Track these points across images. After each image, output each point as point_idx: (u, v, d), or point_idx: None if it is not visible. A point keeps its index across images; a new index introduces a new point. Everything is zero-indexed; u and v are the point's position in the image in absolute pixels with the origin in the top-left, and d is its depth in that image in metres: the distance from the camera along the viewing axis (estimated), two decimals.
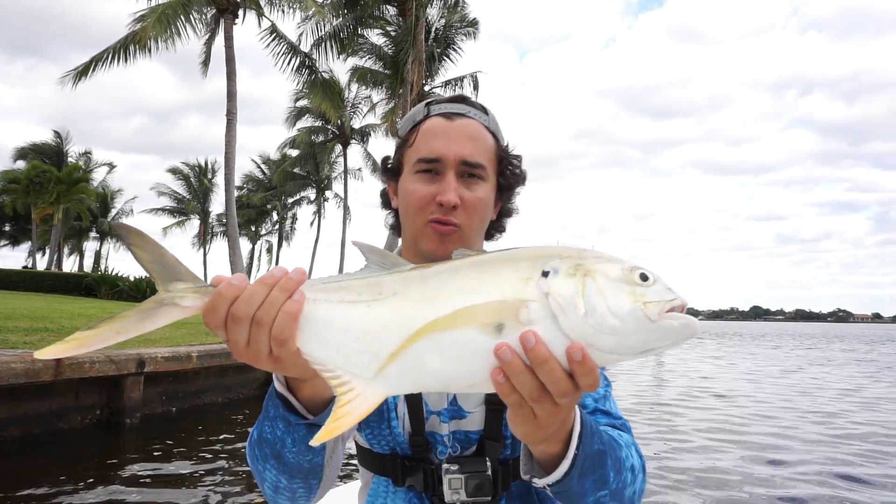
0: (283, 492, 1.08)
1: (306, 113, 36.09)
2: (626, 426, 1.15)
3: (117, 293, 27.51)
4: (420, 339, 0.75)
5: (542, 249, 0.79)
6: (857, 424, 11.09)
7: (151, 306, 0.81)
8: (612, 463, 0.97)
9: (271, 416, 1.00)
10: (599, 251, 0.80)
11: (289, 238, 56.53)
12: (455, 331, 0.74)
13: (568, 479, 0.90)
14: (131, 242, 0.83)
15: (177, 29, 19.44)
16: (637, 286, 0.74)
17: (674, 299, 0.74)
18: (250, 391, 12.22)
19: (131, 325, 0.80)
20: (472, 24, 26.12)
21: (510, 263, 0.78)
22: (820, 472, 7.77)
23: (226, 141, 20.05)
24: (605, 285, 0.74)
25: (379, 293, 0.79)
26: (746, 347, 40.31)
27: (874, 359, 31.22)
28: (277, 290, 0.78)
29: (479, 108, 1.28)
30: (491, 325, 0.74)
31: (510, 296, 0.74)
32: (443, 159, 1.19)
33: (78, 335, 0.77)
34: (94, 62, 20.27)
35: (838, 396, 15.09)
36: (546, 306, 0.73)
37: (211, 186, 51.28)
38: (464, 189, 1.20)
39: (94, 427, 8.90)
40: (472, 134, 1.22)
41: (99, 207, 50.28)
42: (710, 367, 22.54)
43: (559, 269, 0.75)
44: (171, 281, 0.82)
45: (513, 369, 0.72)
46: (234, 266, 20.50)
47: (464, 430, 1.22)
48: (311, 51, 23.08)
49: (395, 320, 0.77)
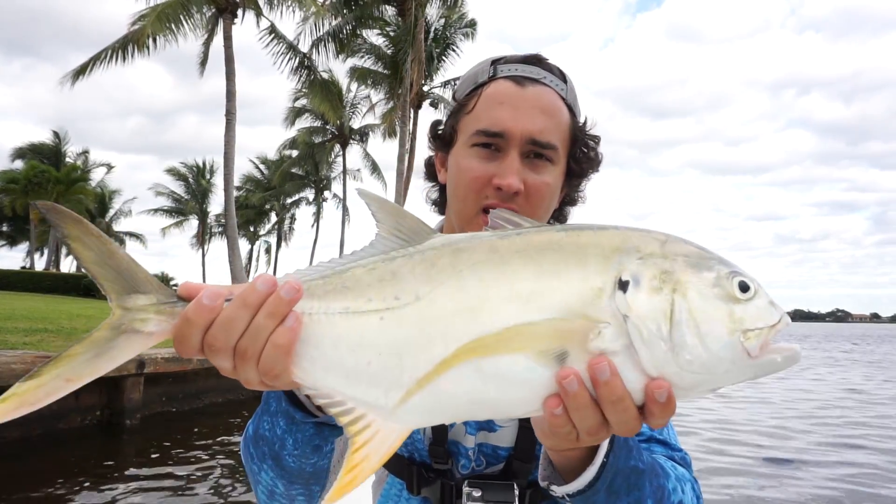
0: (280, 499, 0.93)
1: (305, 113, 36.07)
2: (685, 460, 0.99)
3: None
4: (459, 363, 0.60)
5: (616, 235, 0.64)
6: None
7: (106, 336, 0.64)
8: (652, 490, 0.82)
9: (272, 411, 0.86)
10: (683, 242, 0.65)
11: (287, 238, 56.55)
12: (504, 356, 0.60)
13: (593, 492, 0.76)
14: (68, 234, 0.64)
15: (177, 28, 19.42)
16: (736, 304, 0.61)
17: (777, 322, 0.62)
18: (250, 392, 12.20)
19: (83, 367, 0.62)
20: (470, 24, 26.16)
21: (576, 261, 0.62)
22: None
23: (225, 141, 20.02)
24: (698, 307, 0.60)
25: (396, 298, 0.63)
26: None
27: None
28: (264, 314, 0.62)
29: (556, 74, 1.06)
30: (551, 353, 0.60)
31: (577, 312, 0.60)
32: (507, 134, 0.99)
33: (17, 389, 0.60)
34: (92, 61, 20.25)
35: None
36: (623, 332, 0.59)
37: (209, 187, 51.25)
38: (529, 172, 1.00)
39: (94, 428, 8.88)
40: (545, 106, 1.01)
41: (97, 208, 50.20)
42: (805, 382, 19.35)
43: (640, 279, 0.61)
44: (127, 293, 0.65)
45: (576, 403, 0.60)
46: (234, 266, 20.47)
47: (492, 444, 1.07)
48: (311, 51, 23.06)
49: (421, 338, 0.61)
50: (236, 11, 20.53)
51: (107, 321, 0.65)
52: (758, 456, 8.60)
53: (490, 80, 1.04)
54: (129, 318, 0.65)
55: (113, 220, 54.26)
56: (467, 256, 0.63)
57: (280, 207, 53.14)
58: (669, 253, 0.63)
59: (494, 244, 0.64)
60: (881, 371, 24.25)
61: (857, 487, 7.23)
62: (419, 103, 26.41)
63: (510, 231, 0.66)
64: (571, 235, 0.64)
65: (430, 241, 0.66)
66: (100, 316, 15.35)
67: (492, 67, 1.06)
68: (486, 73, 1.05)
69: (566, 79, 1.07)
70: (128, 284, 0.66)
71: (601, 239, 0.64)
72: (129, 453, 8.21)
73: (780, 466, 8.13)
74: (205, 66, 22.40)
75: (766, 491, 7.01)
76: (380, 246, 0.67)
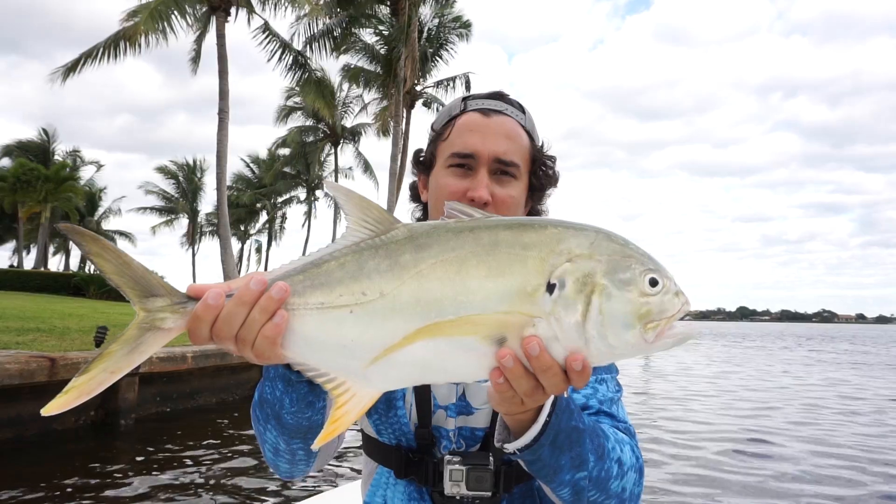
0: (283, 454, 1.08)
1: (297, 111, 35.96)
2: (629, 430, 1.14)
3: (106, 293, 27.23)
4: (418, 340, 0.73)
5: (553, 236, 0.76)
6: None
7: (135, 334, 0.77)
8: (594, 447, 0.97)
9: (271, 377, 1.00)
10: (610, 240, 0.77)
11: (278, 237, 56.35)
12: (457, 338, 0.73)
13: (538, 446, 0.90)
14: (90, 251, 0.77)
15: (169, 25, 19.29)
16: (643, 297, 0.74)
17: (675, 313, 0.75)
18: (244, 392, 12.13)
19: (122, 360, 0.76)
20: (465, 25, 26.17)
21: (519, 263, 0.74)
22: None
23: (217, 139, 19.93)
24: (607, 306, 0.73)
25: (363, 293, 0.74)
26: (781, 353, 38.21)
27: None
28: (257, 310, 0.75)
29: (516, 107, 1.27)
30: (494, 337, 0.73)
31: (516, 307, 0.73)
32: (477, 155, 1.19)
33: (75, 383, 0.74)
34: (83, 58, 20.08)
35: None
36: (550, 324, 0.73)
37: (200, 185, 50.96)
38: (496, 186, 1.19)
39: (88, 428, 8.80)
40: (507, 132, 1.22)
41: (86, 206, 49.77)
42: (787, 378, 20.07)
43: (566, 283, 0.73)
44: (145, 297, 0.77)
45: (513, 374, 0.75)
46: (226, 265, 20.37)
47: (470, 426, 1.21)
48: (304, 49, 22.99)
49: (386, 326, 0.73)
50: (229, 9, 20.43)
51: (134, 322, 0.77)
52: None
53: (461, 113, 1.25)
54: (150, 318, 0.77)
55: (102, 218, 53.85)
56: (427, 255, 0.74)
57: (271, 206, 52.94)
58: (595, 253, 0.75)
59: (451, 243, 0.75)
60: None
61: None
62: (412, 102, 26.42)
63: (464, 222, 0.77)
64: (516, 234, 0.75)
65: (394, 232, 0.77)
66: (91, 315, 15.24)
67: (463, 103, 1.27)
68: (459, 107, 1.27)
69: (524, 110, 1.28)
70: (145, 289, 0.78)
71: (540, 238, 0.75)
72: (124, 453, 8.13)
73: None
74: (197, 64, 22.26)
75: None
76: (350, 237, 0.78)
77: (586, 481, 0.96)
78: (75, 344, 9.68)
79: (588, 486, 0.96)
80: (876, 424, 11.55)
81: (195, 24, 20.98)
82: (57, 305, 17.94)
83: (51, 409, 0.74)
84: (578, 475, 0.95)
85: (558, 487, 0.97)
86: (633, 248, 0.77)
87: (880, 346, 53.63)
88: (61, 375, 8.02)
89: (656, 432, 9.96)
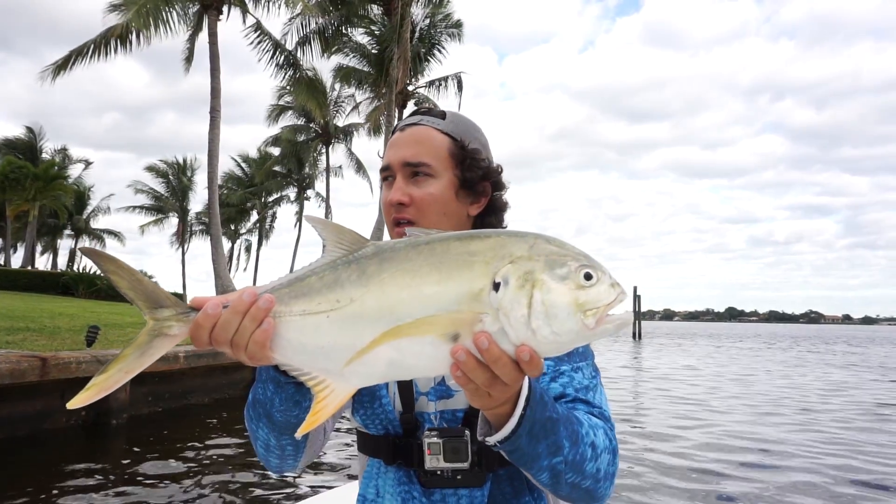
0: (273, 450, 1.20)
1: (289, 110, 35.84)
2: (604, 415, 1.20)
3: (95, 292, 27.05)
4: (383, 343, 0.82)
5: (496, 242, 0.84)
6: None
7: (146, 339, 0.88)
8: (568, 434, 1.05)
9: (263, 379, 1.10)
10: (547, 242, 0.85)
11: (268, 237, 56.11)
12: (416, 337, 0.82)
13: (517, 437, 0.98)
14: (107, 269, 0.89)
15: (162, 23, 19.18)
16: (580, 290, 0.81)
17: (612, 301, 0.82)
18: (236, 392, 12.11)
19: (134, 362, 0.87)
20: (456, 25, 26.20)
21: (467, 268, 0.83)
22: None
23: (209, 138, 19.84)
24: (548, 298, 0.80)
25: (337, 301, 0.85)
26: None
27: None
28: (248, 318, 0.86)
29: (435, 115, 1.35)
30: (448, 335, 0.82)
31: (466, 307, 0.82)
32: (391, 165, 1.31)
33: (95, 381, 0.85)
34: (74, 56, 19.95)
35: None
36: (497, 319, 0.81)
37: (190, 184, 50.62)
38: (413, 188, 1.29)
39: (79, 428, 8.75)
40: (417, 138, 1.31)
41: (74, 205, 49.33)
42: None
43: (509, 280, 0.81)
44: (154, 308, 0.89)
45: (467, 367, 0.83)
46: (217, 265, 20.28)
47: (451, 408, 1.28)
48: (296, 48, 22.93)
49: (356, 328, 0.83)
50: (221, 7, 20.35)
51: (144, 329, 0.88)
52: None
53: (393, 135, 1.38)
54: (158, 326, 0.88)
55: (90, 217, 53.43)
56: (389, 265, 0.84)
57: (261, 206, 52.71)
58: (534, 255, 0.83)
59: (409, 255, 0.85)
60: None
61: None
62: (404, 102, 26.38)
63: (421, 238, 0.86)
64: (464, 244, 0.85)
65: (364, 249, 0.87)
66: (81, 314, 15.12)
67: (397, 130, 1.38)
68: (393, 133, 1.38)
69: (445, 116, 1.36)
70: (154, 301, 0.89)
71: (485, 246, 0.84)
72: (116, 454, 8.09)
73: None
74: (190, 63, 22.10)
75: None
76: (328, 256, 0.89)
77: (563, 465, 1.04)
78: (66, 343, 9.61)
79: (565, 470, 1.05)
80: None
81: (187, 23, 20.87)
82: (46, 304, 17.79)
83: (75, 403, 0.85)
84: (555, 460, 1.03)
85: (538, 473, 1.05)
86: (570, 247, 0.86)
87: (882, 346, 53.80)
88: (52, 375, 7.98)
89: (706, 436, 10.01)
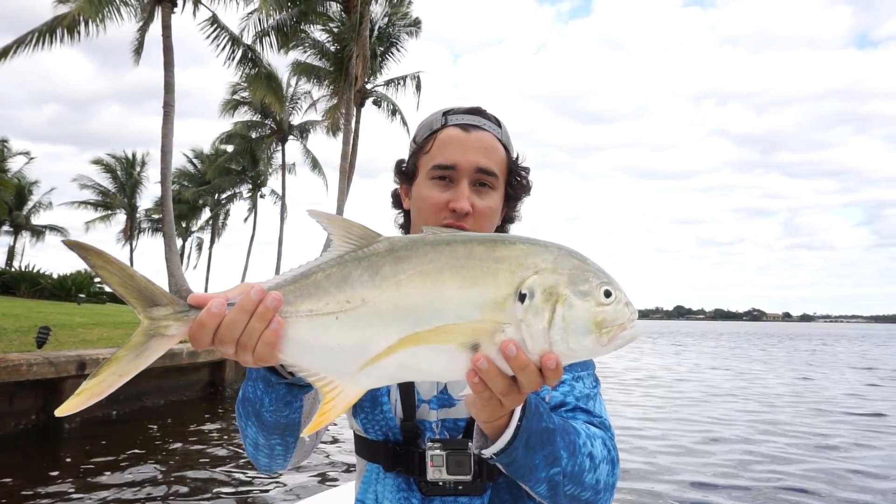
0: (262, 449, 1.17)
1: (243, 106, 35.11)
2: (604, 424, 1.20)
3: (38, 291, 25.93)
4: (400, 349, 0.80)
5: (522, 251, 0.84)
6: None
7: (141, 340, 0.82)
8: (565, 444, 1.04)
9: (253, 377, 1.08)
10: (571, 256, 0.86)
11: (220, 234, 54.85)
12: (434, 345, 0.80)
13: (513, 448, 0.97)
14: (95, 265, 0.82)
15: (111, 13, 18.54)
16: (599, 307, 0.82)
17: (625, 322, 0.84)
18: (193, 393, 11.85)
19: (129, 365, 0.81)
20: (414, 23, 26.19)
21: (491, 275, 0.81)
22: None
23: (163, 133, 19.32)
24: (569, 314, 0.81)
25: (347, 301, 0.81)
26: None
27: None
28: (256, 318, 0.82)
29: (493, 121, 1.34)
30: (469, 344, 0.81)
31: (488, 317, 0.81)
32: (458, 167, 1.26)
33: (86, 385, 0.80)
34: (16, 45, 19.07)
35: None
36: (518, 331, 0.81)
37: (139, 180, 49.02)
38: (475, 197, 1.26)
39: (29, 433, 8.44)
40: (487, 146, 1.29)
41: (14, 200, 47.13)
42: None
43: (534, 293, 0.81)
44: (149, 306, 0.83)
45: (488, 375, 0.82)
46: (171, 263, 19.74)
47: (452, 417, 1.27)
48: (254, 43, 22.50)
49: (368, 332, 0.81)
50: (176, 0, 19.81)
51: (139, 329, 0.83)
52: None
53: (442, 128, 1.31)
54: (154, 326, 0.83)
55: (31, 212, 51.14)
56: (406, 266, 0.81)
57: (214, 203, 51.47)
58: (558, 268, 0.83)
59: (429, 255, 0.82)
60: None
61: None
62: (362, 101, 26.22)
63: (441, 236, 0.84)
64: (489, 249, 0.83)
65: (376, 245, 0.84)
66: (27, 314, 14.42)
67: (443, 118, 1.33)
68: (440, 122, 1.32)
69: (501, 124, 1.35)
70: (148, 299, 0.83)
71: (511, 254, 0.83)
72: (68, 459, 7.83)
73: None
74: (140, 55, 21.41)
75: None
76: (335, 251, 0.85)
77: (560, 476, 1.03)
78: (14, 345, 9.22)
79: (563, 481, 1.04)
80: None
81: (139, 14, 20.22)
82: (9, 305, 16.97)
83: (64, 409, 0.80)
84: (552, 471, 1.02)
85: (535, 485, 1.04)
86: (591, 263, 0.86)
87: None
88: (1, 378, 7.67)
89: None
